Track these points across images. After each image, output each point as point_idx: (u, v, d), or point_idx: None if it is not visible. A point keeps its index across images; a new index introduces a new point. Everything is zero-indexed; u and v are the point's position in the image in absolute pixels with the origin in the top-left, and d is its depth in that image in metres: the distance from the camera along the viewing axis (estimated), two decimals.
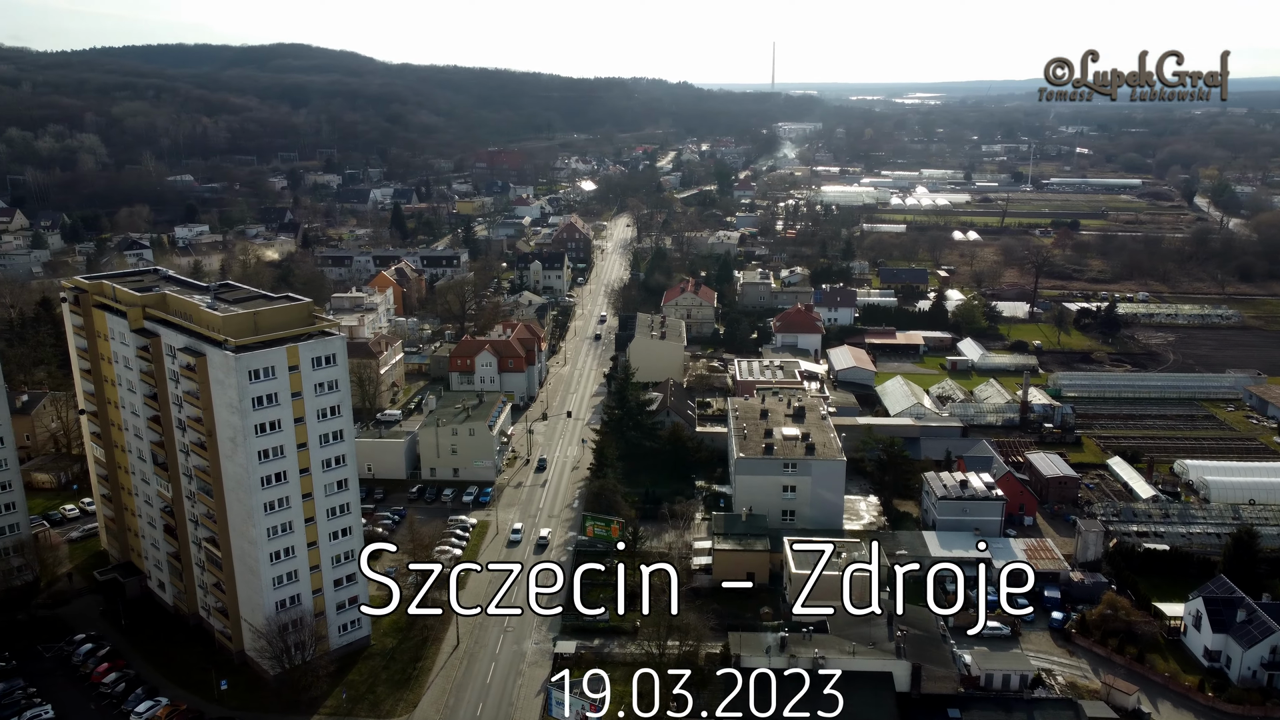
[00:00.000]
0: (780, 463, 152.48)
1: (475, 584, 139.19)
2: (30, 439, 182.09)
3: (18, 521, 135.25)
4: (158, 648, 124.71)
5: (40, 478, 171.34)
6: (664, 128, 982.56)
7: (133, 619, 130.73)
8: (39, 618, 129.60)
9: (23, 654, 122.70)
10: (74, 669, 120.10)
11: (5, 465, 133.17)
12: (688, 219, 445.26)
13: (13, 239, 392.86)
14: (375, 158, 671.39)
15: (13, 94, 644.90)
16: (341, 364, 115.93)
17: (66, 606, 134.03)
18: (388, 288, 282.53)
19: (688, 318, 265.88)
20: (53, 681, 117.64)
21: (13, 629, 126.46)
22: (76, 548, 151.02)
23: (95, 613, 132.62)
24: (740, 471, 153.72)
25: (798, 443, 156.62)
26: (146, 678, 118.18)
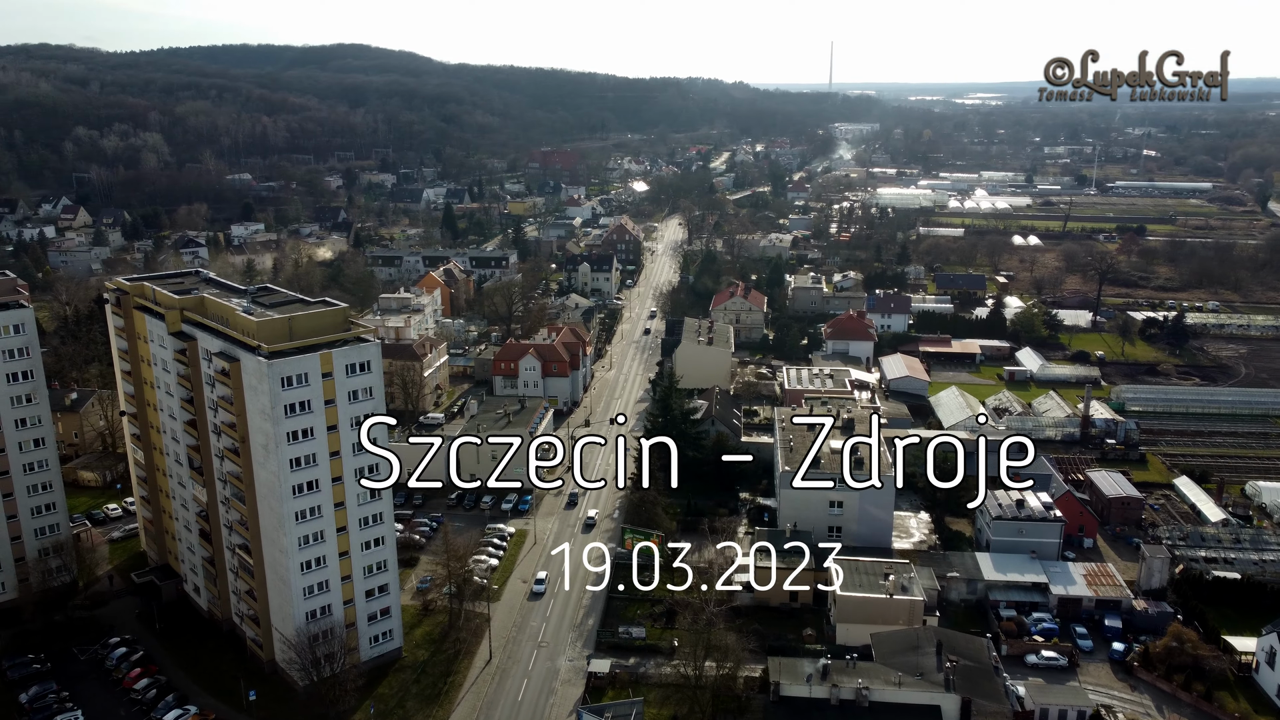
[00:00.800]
0: (827, 477, 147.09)
1: (510, 596, 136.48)
2: (78, 436, 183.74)
3: (58, 522, 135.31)
4: (190, 654, 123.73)
5: (86, 476, 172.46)
6: (719, 128, 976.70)
7: (168, 623, 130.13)
8: (76, 619, 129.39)
9: (58, 656, 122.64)
10: (106, 673, 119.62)
11: (46, 465, 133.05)
12: (740, 221, 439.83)
13: (75, 236, 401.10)
14: (430, 157, 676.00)
15: (82, 94, 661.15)
16: (376, 371, 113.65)
17: (104, 608, 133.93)
18: (435, 288, 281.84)
19: (736, 323, 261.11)
20: (85, 685, 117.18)
21: (50, 630, 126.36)
22: (117, 548, 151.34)
23: (132, 615, 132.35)
24: (785, 485, 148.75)
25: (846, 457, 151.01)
26: (177, 684, 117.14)
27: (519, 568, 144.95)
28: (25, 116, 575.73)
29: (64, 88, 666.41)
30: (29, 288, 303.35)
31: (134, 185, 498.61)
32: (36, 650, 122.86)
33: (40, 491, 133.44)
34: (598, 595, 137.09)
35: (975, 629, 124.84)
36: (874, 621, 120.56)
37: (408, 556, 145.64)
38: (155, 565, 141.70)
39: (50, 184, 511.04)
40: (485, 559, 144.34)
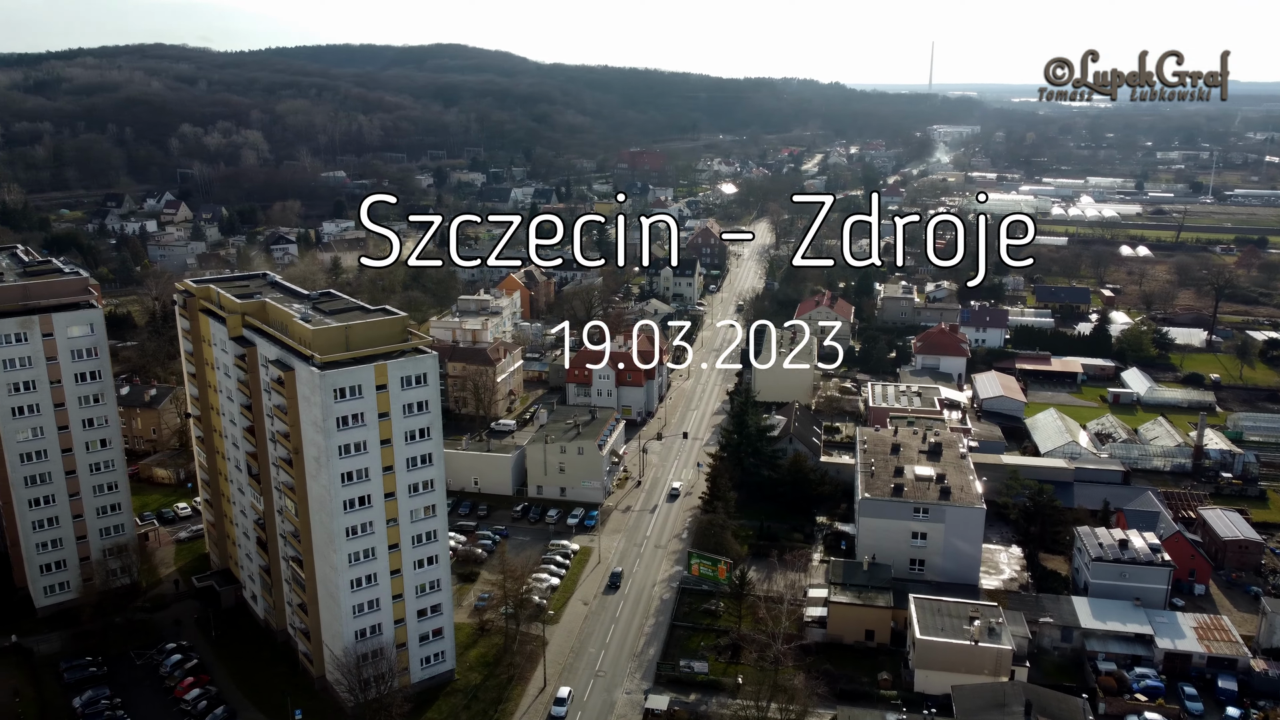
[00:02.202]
0: (910, 506, 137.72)
1: (569, 619, 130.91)
2: (156, 433, 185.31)
3: (122, 523, 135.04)
4: (243, 664, 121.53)
5: (160, 473, 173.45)
6: (812, 129, 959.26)
7: (225, 629, 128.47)
8: (135, 621, 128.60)
9: (115, 660, 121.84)
10: (160, 680, 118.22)
11: (112, 466, 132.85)
12: (829, 226, 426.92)
13: (175, 231, 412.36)
14: (520, 157, 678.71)
15: (189, 92, 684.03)
16: (433, 384, 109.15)
17: (164, 611, 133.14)
18: (515, 290, 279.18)
19: (820, 333, 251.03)
20: (138, 692, 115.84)
21: (109, 632, 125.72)
22: (183, 548, 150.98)
23: (190, 620, 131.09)
24: (864, 513, 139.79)
25: (931, 484, 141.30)
26: (227, 696, 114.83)
27: (580, 588, 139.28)
28: (136, 114, 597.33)
29: (173, 86, 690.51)
30: (126, 282, 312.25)
31: (233, 182, 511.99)
32: (95, 652, 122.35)
33: (106, 492, 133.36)
34: (660, 623, 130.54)
35: (1069, 684, 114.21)
36: (956, 669, 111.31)
37: (467, 571, 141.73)
38: (216, 570, 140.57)
39: (155, 179, 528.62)
40: (546, 578, 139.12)
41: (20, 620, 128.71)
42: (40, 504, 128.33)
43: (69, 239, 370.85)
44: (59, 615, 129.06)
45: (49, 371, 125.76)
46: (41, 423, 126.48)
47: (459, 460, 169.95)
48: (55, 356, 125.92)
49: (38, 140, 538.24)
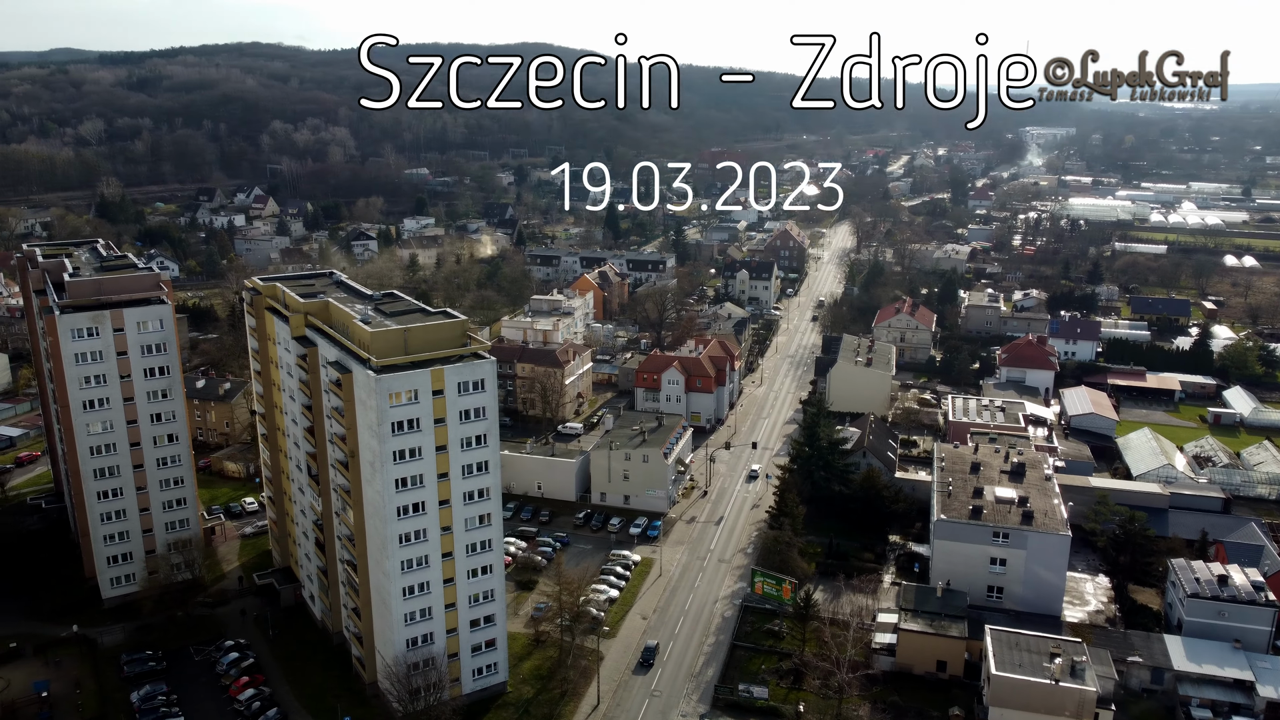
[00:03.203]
0: (989, 530, 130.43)
1: (627, 633, 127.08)
2: (229, 426, 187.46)
3: (188, 517, 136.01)
4: (298, 665, 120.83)
5: (231, 467, 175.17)
6: (899, 130, 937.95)
7: (282, 628, 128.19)
8: (196, 617, 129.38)
9: (174, 654, 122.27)
10: (216, 678, 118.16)
11: (179, 461, 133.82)
12: (913, 230, 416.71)
13: (261, 225, 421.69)
14: (600, 155, 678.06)
15: (281, 89, 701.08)
16: (490, 390, 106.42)
17: (225, 606, 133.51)
18: (588, 291, 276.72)
19: (900, 341, 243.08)
20: (194, 689, 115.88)
21: (170, 626, 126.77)
22: (248, 544, 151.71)
23: (249, 617, 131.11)
24: (940, 536, 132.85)
25: (1012, 507, 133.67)
26: (281, 698, 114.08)
27: (639, 601, 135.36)
28: (230, 111, 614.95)
29: (267, 84, 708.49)
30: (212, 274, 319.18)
31: (319, 177, 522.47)
32: (156, 646, 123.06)
33: (172, 486, 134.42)
34: (720, 642, 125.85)
35: None
36: (1035, 710, 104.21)
37: (526, 578, 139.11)
38: (278, 567, 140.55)
39: (246, 174, 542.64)
40: (605, 589, 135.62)
41: (87, 610, 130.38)
42: (108, 496, 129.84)
43: (161, 232, 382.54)
44: (123, 607, 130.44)
45: (119, 366, 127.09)
46: (111, 416, 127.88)
47: (522, 464, 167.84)
48: (125, 351, 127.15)
49: (137, 135, 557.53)
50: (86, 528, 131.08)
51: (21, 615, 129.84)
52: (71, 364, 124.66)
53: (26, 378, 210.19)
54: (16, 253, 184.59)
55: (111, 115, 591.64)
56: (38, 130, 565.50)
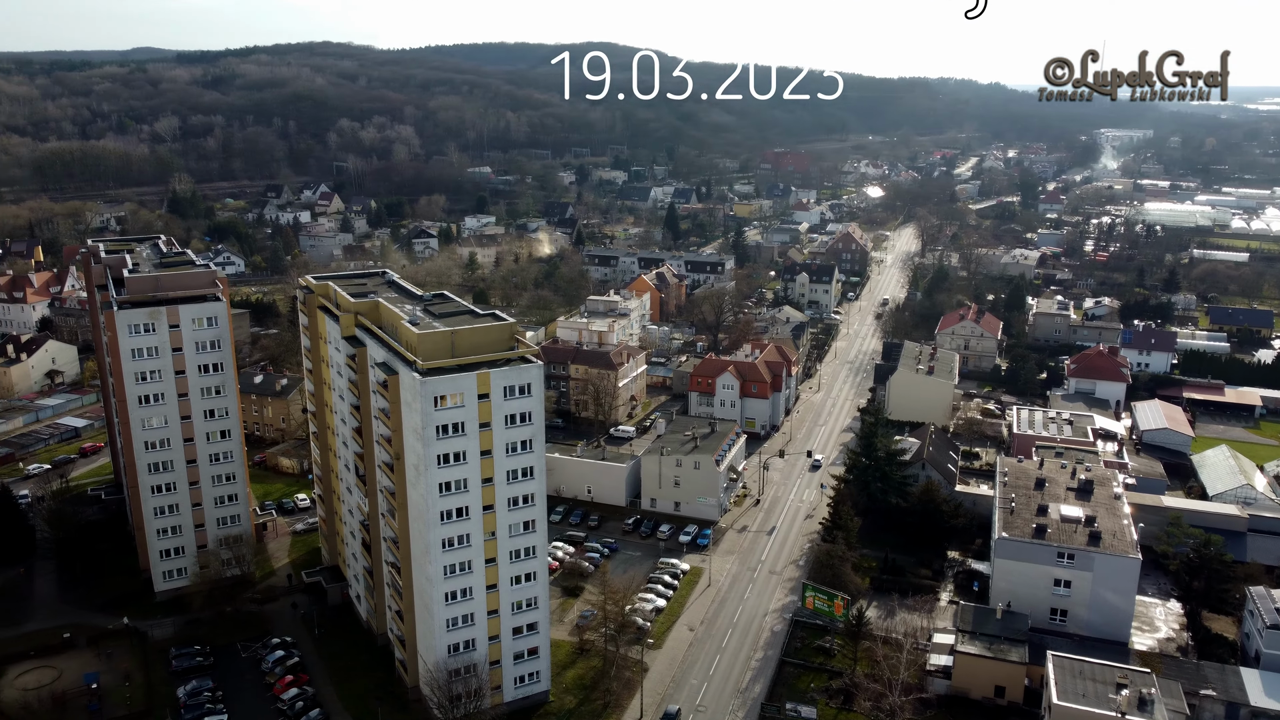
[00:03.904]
0: (1053, 550, 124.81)
1: (673, 645, 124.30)
2: (285, 422, 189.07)
3: (239, 513, 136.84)
4: (342, 665, 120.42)
5: (285, 463, 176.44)
6: (967, 132, 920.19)
7: (328, 627, 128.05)
8: (244, 613, 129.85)
9: (222, 649, 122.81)
10: (261, 675, 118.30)
11: (231, 457, 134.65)
12: (980, 234, 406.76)
13: (326, 222, 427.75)
14: (662, 155, 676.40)
15: (350, 88, 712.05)
16: (537, 395, 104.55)
17: (274, 603, 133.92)
18: (645, 292, 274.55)
19: (964, 349, 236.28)
20: (239, 686, 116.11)
21: (219, 622, 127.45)
22: (299, 541, 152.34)
23: (296, 614, 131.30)
24: (1001, 554, 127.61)
25: (1079, 527, 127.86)
26: (324, 699, 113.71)
27: (687, 612, 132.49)
28: (299, 109, 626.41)
29: (335, 82, 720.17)
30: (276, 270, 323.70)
31: (384, 175, 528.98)
32: (204, 641, 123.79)
33: (224, 482, 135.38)
34: (768, 657, 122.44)
35: None
36: None
37: (572, 585, 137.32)
38: (326, 565, 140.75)
39: (313, 171, 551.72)
40: (652, 598, 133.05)
41: (140, 603, 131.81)
42: (162, 491, 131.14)
43: (229, 227, 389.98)
44: (174, 601, 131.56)
45: (174, 362, 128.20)
46: (165, 411, 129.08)
47: (572, 468, 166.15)
48: (180, 347, 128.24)
49: (210, 133, 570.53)
50: (141, 520, 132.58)
51: (77, 605, 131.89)
52: (129, 359, 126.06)
53: (93, 369, 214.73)
54: (82, 248, 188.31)
55: (186, 113, 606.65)
56: (116, 127, 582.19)
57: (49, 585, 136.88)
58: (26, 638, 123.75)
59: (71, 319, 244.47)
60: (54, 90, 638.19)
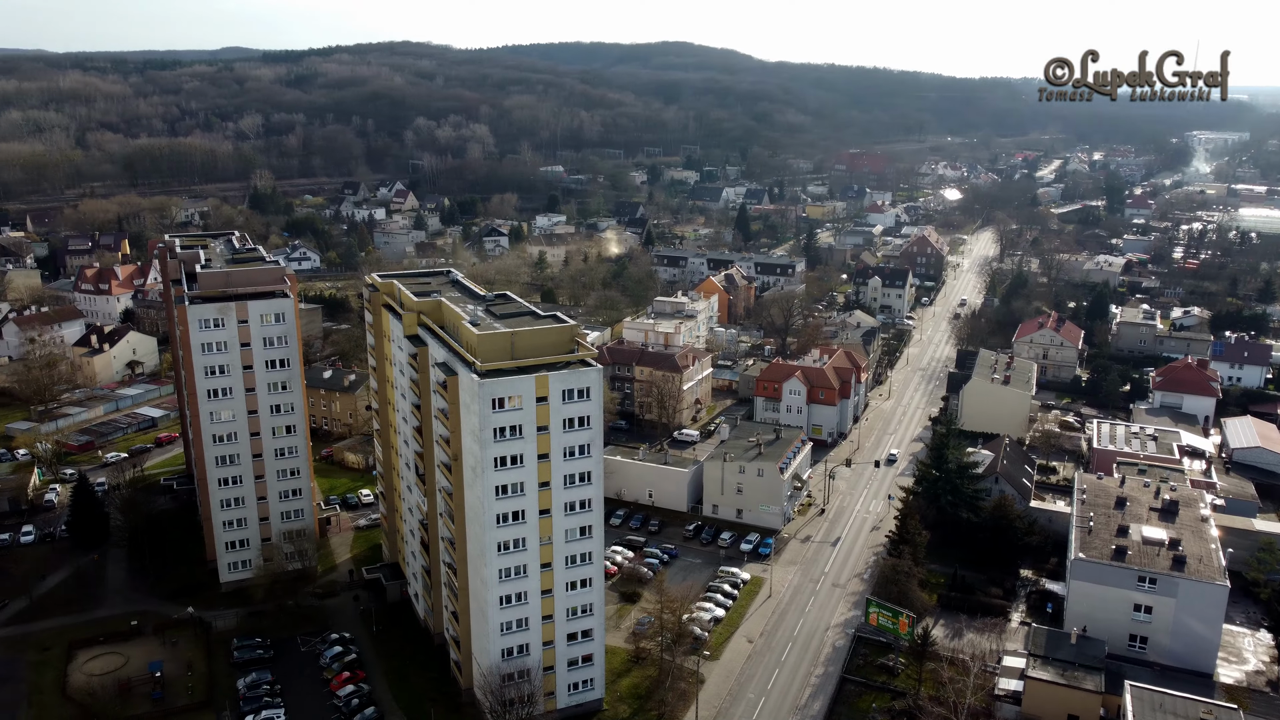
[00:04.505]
0: (1134, 574, 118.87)
1: (731, 657, 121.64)
2: (352, 417, 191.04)
3: (302, 508, 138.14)
4: (398, 664, 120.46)
5: (351, 458, 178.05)
6: (1051, 133, 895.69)
7: (386, 624, 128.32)
8: (305, 607, 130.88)
9: (282, 643, 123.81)
10: (319, 670, 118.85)
11: (296, 452, 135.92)
12: (1062, 239, 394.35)
13: (400, 219, 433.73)
14: (735, 156, 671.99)
15: (427, 87, 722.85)
16: (596, 399, 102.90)
17: (334, 598, 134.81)
18: (713, 294, 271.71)
19: (1042, 358, 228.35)
20: (297, 680, 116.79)
21: (281, 615, 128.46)
22: (361, 536, 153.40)
23: (355, 610, 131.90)
24: (1077, 576, 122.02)
25: (1162, 549, 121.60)
26: (379, 697, 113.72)
27: (746, 623, 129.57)
28: (377, 107, 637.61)
29: (413, 81, 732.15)
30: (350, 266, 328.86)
31: (457, 173, 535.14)
32: (266, 633, 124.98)
33: (289, 477, 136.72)
34: (829, 674, 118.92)
35: None
36: None
37: (630, 590, 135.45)
38: (386, 562, 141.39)
39: (389, 169, 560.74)
40: (711, 608, 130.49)
41: (205, 593, 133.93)
42: (228, 483, 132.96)
43: (306, 223, 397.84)
44: (238, 592, 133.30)
45: (242, 356, 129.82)
46: (233, 405, 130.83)
47: (634, 471, 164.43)
48: (249, 342, 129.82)
49: (291, 130, 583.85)
50: (209, 512, 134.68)
51: (145, 593, 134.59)
52: (199, 353, 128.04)
53: (170, 361, 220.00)
54: (160, 243, 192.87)
55: (269, 111, 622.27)
56: (203, 124, 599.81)
57: (120, 572, 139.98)
58: (97, 623, 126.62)
59: (153, 311, 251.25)
60: (146, 88, 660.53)
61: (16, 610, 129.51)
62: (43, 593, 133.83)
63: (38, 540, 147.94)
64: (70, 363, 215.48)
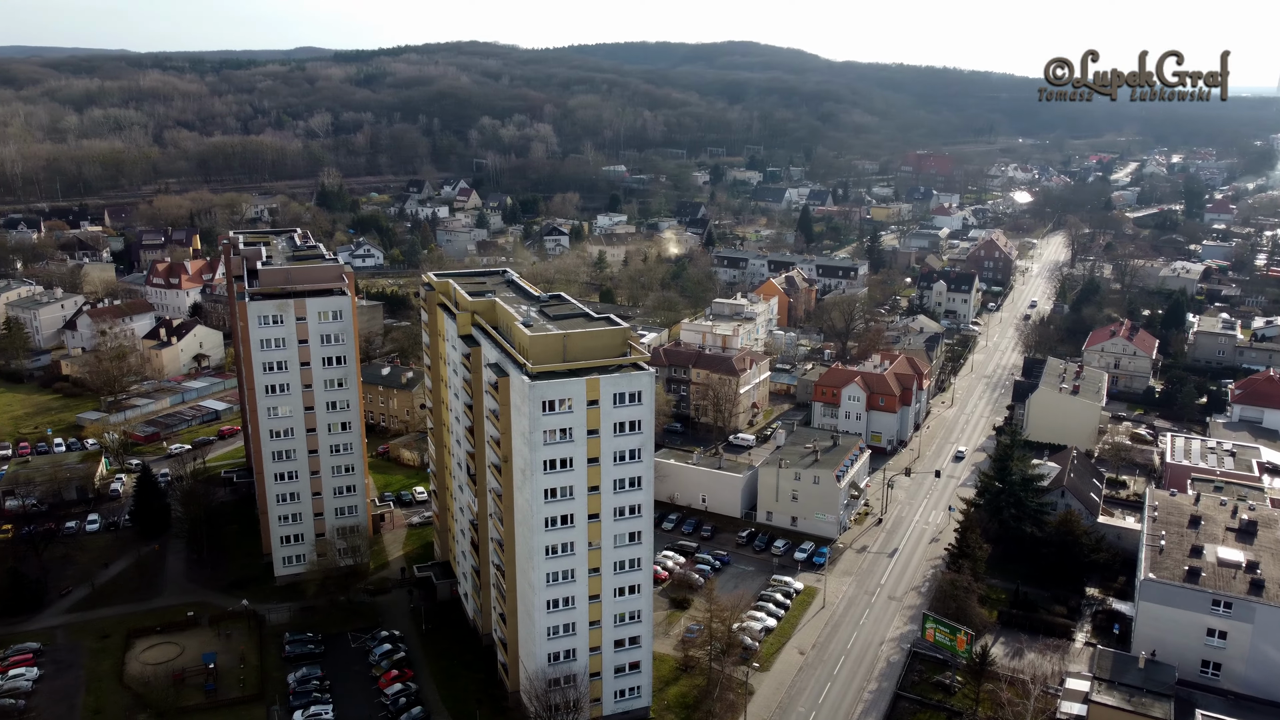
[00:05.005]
0: (1208, 596, 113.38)
1: (781, 669, 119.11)
2: (409, 414, 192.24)
3: (356, 504, 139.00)
4: (446, 664, 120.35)
5: (406, 455, 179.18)
6: (1127, 135, 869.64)
7: (435, 623, 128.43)
8: (357, 603, 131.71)
9: (333, 638, 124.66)
10: (368, 667, 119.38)
11: (350, 449, 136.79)
12: (1137, 244, 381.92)
13: (462, 217, 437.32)
14: (799, 156, 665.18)
15: (493, 86, 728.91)
16: (647, 403, 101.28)
17: (385, 595, 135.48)
18: (773, 296, 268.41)
19: (1114, 368, 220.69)
20: (346, 676, 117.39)
21: (332, 610, 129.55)
22: (414, 534, 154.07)
23: (406, 608, 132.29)
24: (1147, 598, 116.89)
25: (1239, 572, 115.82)
26: (426, 697, 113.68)
27: (798, 635, 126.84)
28: (443, 106, 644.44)
29: (479, 81, 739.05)
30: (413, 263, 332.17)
31: (520, 172, 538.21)
32: (317, 628, 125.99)
33: (343, 473, 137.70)
34: (882, 690, 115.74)
35: None
36: None
37: (680, 597, 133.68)
38: (437, 560, 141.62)
39: (454, 167, 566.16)
40: (762, 617, 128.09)
41: (260, 586, 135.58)
42: (284, 479, 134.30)
43: (371, 221, 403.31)
44: (291, 586, 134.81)
45: (300, 353, 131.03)
46: (290, 401, 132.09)
47: (687, 475, 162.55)
48: (306, 339, 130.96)
49: (359, 129, 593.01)
50: (265, 506, 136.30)
51: (203, 584, 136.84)
52: (257, 349, 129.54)
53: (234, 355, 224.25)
54: (224, 239, 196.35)
55: (339, 109, 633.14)
56: (274, 123, 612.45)
57: (179, 563, 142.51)
58: (155, 613, 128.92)
59: (220, 305, 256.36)
60: (221, 87, 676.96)
61: (79, 598, 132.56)
62: (105, 581, 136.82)
63: (102, 529, 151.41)
64: (139, 355, 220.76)
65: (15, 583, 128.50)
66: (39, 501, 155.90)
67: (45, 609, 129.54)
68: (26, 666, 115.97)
